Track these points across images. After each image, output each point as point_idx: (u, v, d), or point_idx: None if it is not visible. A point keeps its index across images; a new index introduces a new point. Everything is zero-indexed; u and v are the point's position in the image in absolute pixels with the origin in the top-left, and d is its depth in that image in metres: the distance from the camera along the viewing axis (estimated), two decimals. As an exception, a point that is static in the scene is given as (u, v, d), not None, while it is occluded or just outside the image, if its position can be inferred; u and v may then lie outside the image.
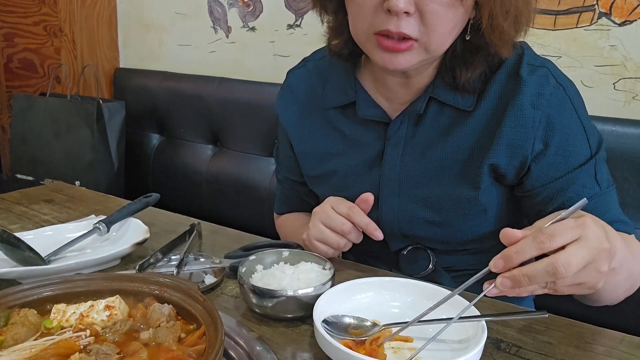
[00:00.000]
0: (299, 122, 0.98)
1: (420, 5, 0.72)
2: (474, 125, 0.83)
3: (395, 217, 0.89)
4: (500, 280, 0.58)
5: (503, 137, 0.80)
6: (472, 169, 0.83)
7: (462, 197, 0.84)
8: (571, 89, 0.82)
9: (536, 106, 0.79)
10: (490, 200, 0.85)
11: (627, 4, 1.24)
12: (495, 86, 0.82)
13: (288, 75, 1.04)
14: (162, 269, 0.82)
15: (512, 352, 0.65)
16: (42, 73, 2.27)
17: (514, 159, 0.81)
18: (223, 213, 1.80)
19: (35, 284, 0.61)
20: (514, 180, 0.84)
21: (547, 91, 0.79)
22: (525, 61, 0.81)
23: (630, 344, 0.67)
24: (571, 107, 0.80)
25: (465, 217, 0.85)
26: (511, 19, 0.75)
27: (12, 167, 2.08)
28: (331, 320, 0.66)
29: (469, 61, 0.81)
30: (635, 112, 1.27)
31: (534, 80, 0.79)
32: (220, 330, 0.52)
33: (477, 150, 0.83)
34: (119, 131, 1.97)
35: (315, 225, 0.85)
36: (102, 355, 0.52)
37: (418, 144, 0.87)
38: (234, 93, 1.79)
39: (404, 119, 0.87)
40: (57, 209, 1.12)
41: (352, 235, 0.84)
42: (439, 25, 0.74)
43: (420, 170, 0.87)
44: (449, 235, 0.88)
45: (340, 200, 0.86)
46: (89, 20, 2.17)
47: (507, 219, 0.87)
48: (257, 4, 1.84)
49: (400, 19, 0.72)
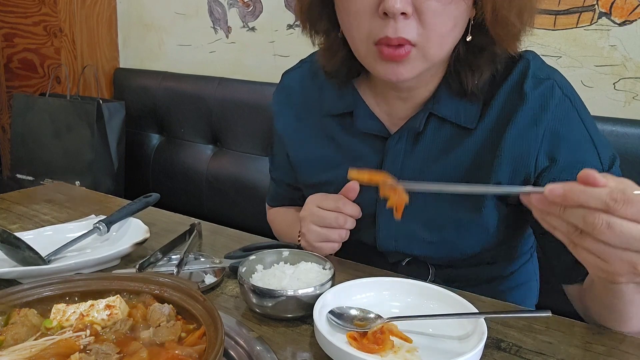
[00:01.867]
0: (294, 129, 0.95)
1: (418, 4, 0.69)
2: (475, 141, 0.80)
3: (392, 236, 0.87)
4: (552, 186, 0.52)
5: (505, 154, 0.77)
6: (474, 194, 0.81)
7: (463, 218, 0.82)
8: (578, 102, 0.78)
9: (539, 120, 0.76)
10: (493, 219, 0.82)
11: (627, 4, 1.24)
12: (499, 101, 0.79)
13: (283, 77, 1.00)
14: (162, 268, 0.82)
15: (512, 352, 0.65)
16: (42, 73, 2.27)
17: (516, 176, 0.78)
18: (223, 213, 1.80)
19: (35, 284, 0.61)
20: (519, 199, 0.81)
21: (552, 103, 0.76)
22: (530, 74, 0.78)
23: (630, 344, 0.67)
24: (578, 119, 0.77)
25: (466, 237, 0.83)
26: (515, 9, 0.72)
27: (12, 167, 2.08)
28: (337, 312, 0.67)
29: (474, 64, 0.78)
30: (635, 112, 1.27)
31: (537, 94, 0.76)
32: (220, 330, 0.52)
33: (478, 168, 0.80)
34: (119, 131, 1.97)
35: (309, 229, 0.85)
36: (102, 355, 0.52)
37: (417, 160, 0.84)
38: (233, 93, 1.79)
39: (402, 134, 0.84)
40: (57, 209, 1.12)
41: (348, 224, 0.84)
42: (438, 25, 0.71)
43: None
44: (448, 253, 0.86)
45: (323, 196, 0.86)
46: (89, 20, 2.17)
47: (510, 232, 0.85)
48: (257, 4, 1.84)
49: (397, 22, 0.69)
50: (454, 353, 0.59)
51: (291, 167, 0.98)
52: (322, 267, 0.76)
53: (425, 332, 0.66)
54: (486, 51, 0.77)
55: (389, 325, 0.65)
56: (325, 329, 0.63)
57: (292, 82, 0.98)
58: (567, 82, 0.79)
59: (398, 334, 0.65)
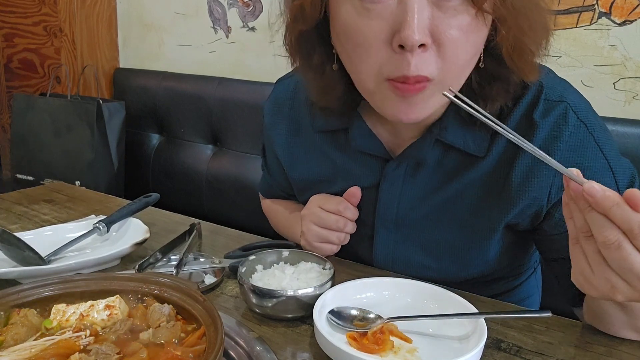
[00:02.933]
0: (287, 144, 0.90)
1: (437, 34, 0.60)
2: (482, 171, 0.75)
3: (389, 259, 0.84)
4: (593, 185, 0.50)
5: (515, 187, 0.72)
6: (478, 225, 0.77)
7: (463, 251, 0.79)
8: (595, 124, 0.72)
9: (552, 152, 0.70)
10: (495, 252, 0.79)
11: (627, 3, 1.24)
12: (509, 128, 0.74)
13: (276, 85, 0.94)
14: (162, 269, 0.82)
15: (512, 352, 0.65)
16: (42, 73, 2.27)
17: (528, 208, 0.73)
18: (223, 213, 1.80)
19: (35, 284, 0.61)
20: (528, 227, 0.77)
21: (566, 132, 0.70)
22: (542, 98, 0.71)
23: (631, 345, 0.67)
24: (595, 146, 0.71)
25: (464, 268, 0.81)
26: (537, 35, 0.65)
27: (12, 167, 2.08)
28: (337, 312, 0.67)
29: (486, 95, 0.70)
30: (635, 112, 1.27)
31: (549, 122, 0.71)
32: (220, 330, 0.52)
33: (485, 199, 0.76)
34: (119, 131, 1.97)
35: (309, 229, 0.84)
36: (102, 355, 0.52)
37: (418, 187, 0.79)
38: (234, 93, 1.79)
39: (403, 160, 0.79)
40: (57, 209, 1.12)
41: (348, 227, 0.83)
42: (459, 57, 0.62)
43: (420, 215, 0.80)
44: (445, 278, 0.81)
45: (326, 197, 0.85)
46: (89, 20, 2.17)
47: (515, 256, 0.84)
48: (257, 4, 1.84)
49: (414, 56, 0.60)
50: (454, 353, 0.59)
51: (286, 177, 0.95)
52: (322, 267, 0.76)
53: (425, 333, 0.66)
54: (500, 80, 0.70)
55: (389, 326, 0.65)
56: (325, 329, 0.63)
57: (283, 93, 0.91)
58: (583, 102, 0.73)
59: (398, 334, 0.65)
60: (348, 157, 0.84)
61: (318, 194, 0.87)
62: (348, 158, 0.84)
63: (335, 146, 0.85)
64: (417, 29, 0.58)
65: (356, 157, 0.83)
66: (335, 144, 0.85)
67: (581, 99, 0.74)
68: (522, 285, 0.93)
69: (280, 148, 0.92)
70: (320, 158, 0.87)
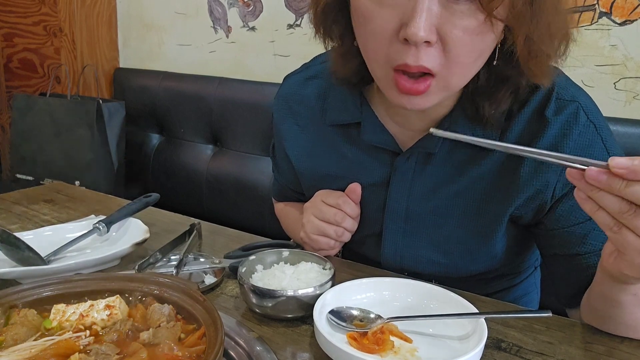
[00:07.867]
0: (296, 139, 0.91)
1: (442, 33, 0.61)
2: (491, 164, 0.76)
3: (398, 255, 0.85)
4: (618, 159, 0.48)
5: (523, 181, 0.74)
6: (486, 218, 0.78)
7: (472, 245, 0.80)
8: (603, 126, 0.73)
9: (560, 149, 0.71)
10: (501, 245, 0.80)
11: (627, 3, 1.24)
12: (519, 125, 0.74)
13: (284, 81, 0.95)
14: (162, 269, 0.82)
15: (512, 352, 0.65)
16: (42, 73, 2.27)
17: (532, 202, 0.75)
18: (223, 213, 1.80)
19: (35, 284, 0.61)
20: (531, 221, 0.78)
21: (575, 131, 0.71)
22: (554, 96, 0.72)
23: (630, 344, 0.67)
24: (602, 147, 0.72)
25: (472, 262, 0.82)
26: (554, 39, 0.65)
27: (12, 167, 2.08)
28: (337, 312, 0.67)
29: (494, 95, 0.71)
30: (636, 112, 1.27)
31: (560, 120, 0.71)
32: (220, 331, 0.52)
33: (494, 192, 0.77)
34: (119, 131, 1.97)
35: (309, 221, 0.86)
36: (102, 355, 0.52)
37: (428, 180, 0.80)
38: (234, 93, 1.79)
39: (413, 152, 0.80)
40: (57, 209, 1.12)
41: (346, 223, 0.84)
42: (462, 56, 0.63)
43: (429, 209, 0.81)
44: (453, 273, 0.84)
45: (330, 192, 0.86)
46: (89, 20, 2.17)
47: (517, 252, 0.85)
48: (257, 3, 1.84)
49: (419, 50, 0.61)
50: (454, 353, 0.60)
51: (294, 174, 0.96)
52: (322, 267, 0.76)
53: (426, 332, 0.66)
54: (509, 82, 0.70)
55: (389, 326, 0.65)
56: (325, 329, 0.63)
57: (293, 88, 0.92)
58: (593, 104, 0.74)
59: (398, 334, 0.65)
60: (359, 151, 0.85)
61: (323, 190, 0.88)
62: (359, 152, 0.85)
63: (347, 140, 0.86)
64: (423, 27, 0.59)
65: (367, 150, 0.84)
66: (347, 137, 0.86)
67: (591, 100, 0.75)
68: (522, 283, 0.94)
69: (289, 142, 0.92)
70: (330, 152, 0.88)
